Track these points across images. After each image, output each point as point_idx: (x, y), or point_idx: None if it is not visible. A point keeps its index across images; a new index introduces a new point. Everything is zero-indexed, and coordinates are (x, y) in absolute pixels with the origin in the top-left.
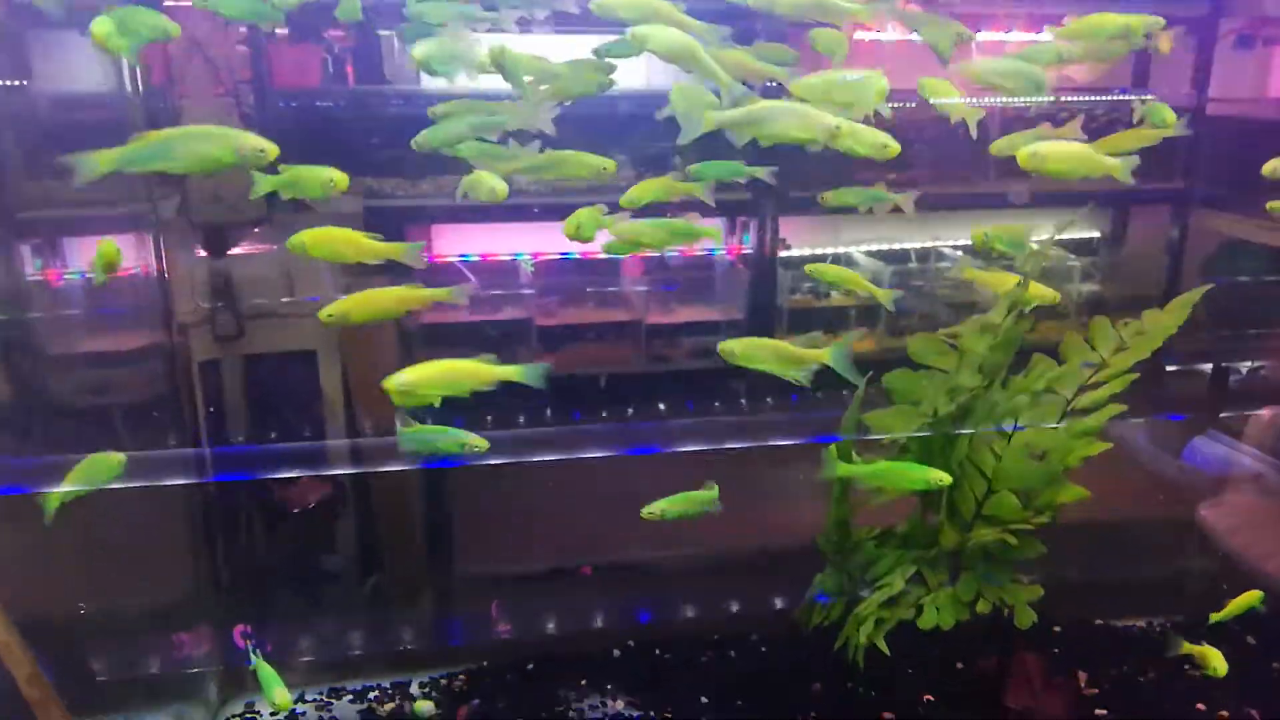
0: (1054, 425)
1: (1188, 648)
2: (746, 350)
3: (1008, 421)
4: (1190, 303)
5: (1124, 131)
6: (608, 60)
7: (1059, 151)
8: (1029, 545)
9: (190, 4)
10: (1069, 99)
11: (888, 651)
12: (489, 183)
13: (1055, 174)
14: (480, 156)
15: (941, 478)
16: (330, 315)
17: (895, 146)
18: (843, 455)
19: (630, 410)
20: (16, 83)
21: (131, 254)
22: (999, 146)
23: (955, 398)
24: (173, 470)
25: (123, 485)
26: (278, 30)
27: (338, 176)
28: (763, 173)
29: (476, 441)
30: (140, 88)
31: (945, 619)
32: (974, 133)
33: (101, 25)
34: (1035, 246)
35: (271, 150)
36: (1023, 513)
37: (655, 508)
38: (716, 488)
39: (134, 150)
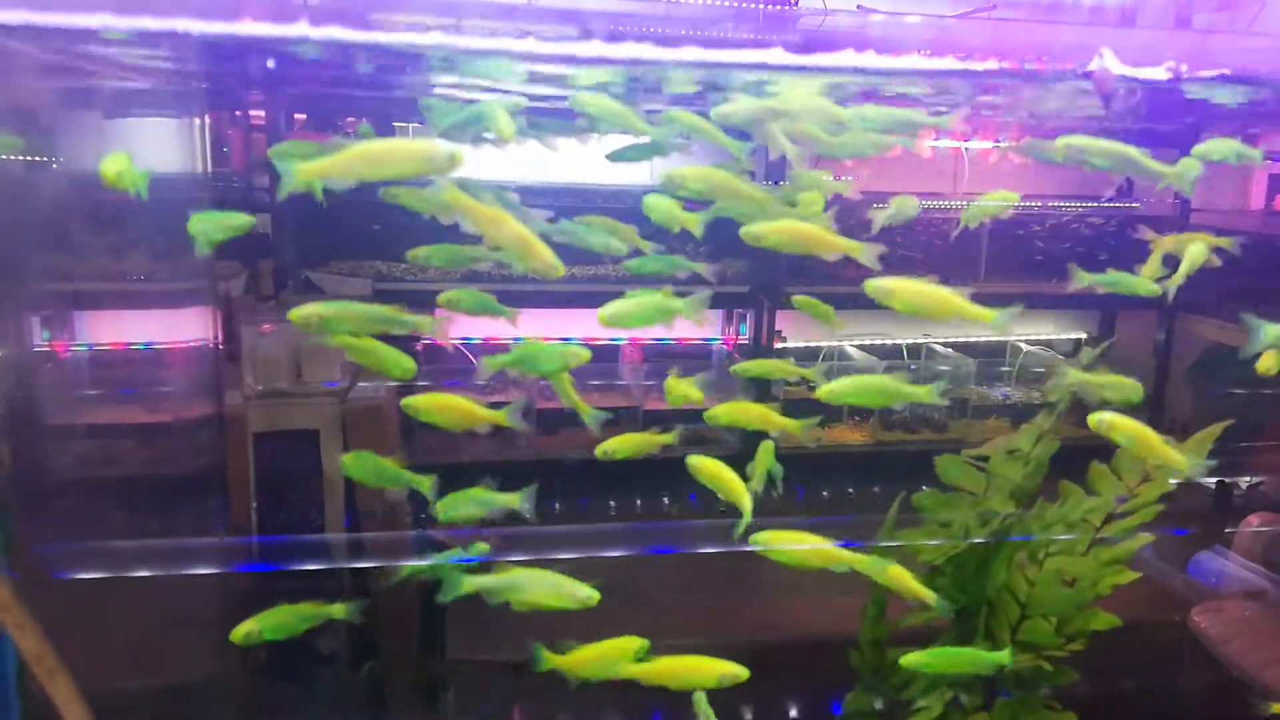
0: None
1: None
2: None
3: (1040, 548)
4: (1212, 438)
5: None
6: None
7: None
8: (1063, 673)
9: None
10: (1059, 204)
11: None
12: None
13: None
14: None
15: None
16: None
17: None
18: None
19: (636, 499)
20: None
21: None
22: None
23: (987, 522)
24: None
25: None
26: (296, 117)
27: None
28: (702, 269)
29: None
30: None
31: None
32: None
33: (113, 163)
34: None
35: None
36: (1056, 639)
37: None
38: None
39: None
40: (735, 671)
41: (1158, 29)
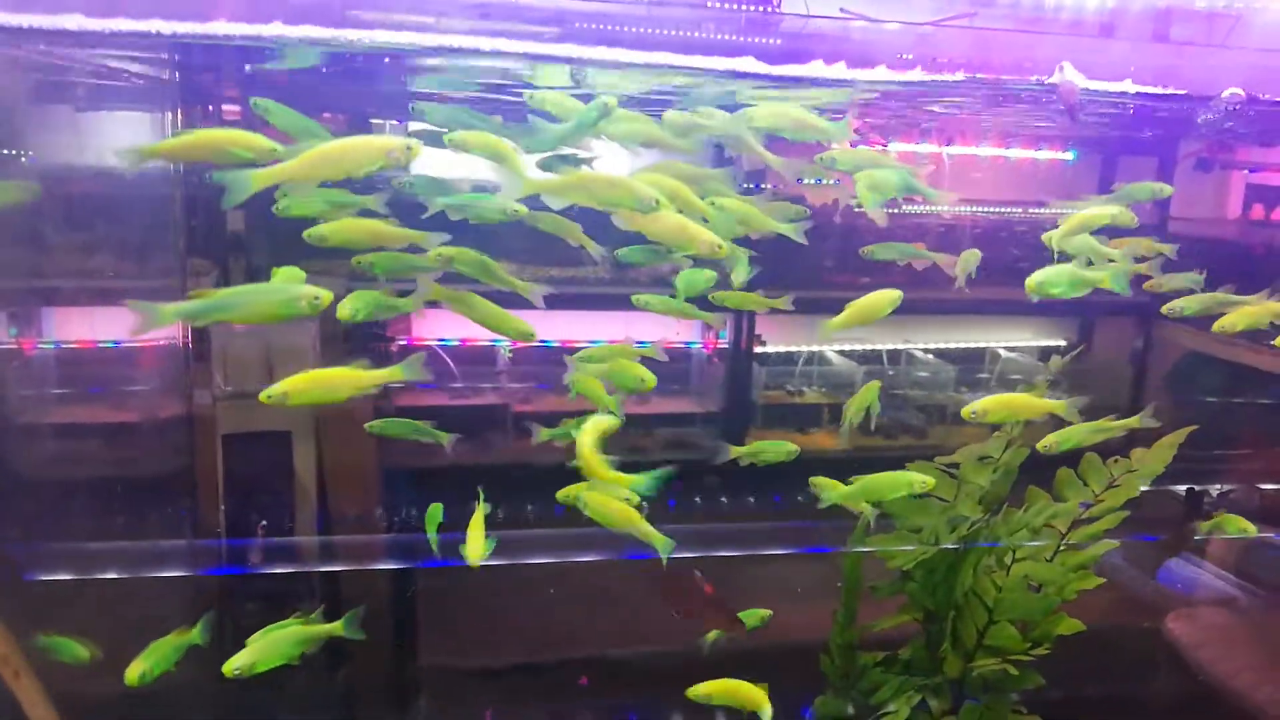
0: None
1: None
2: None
3: (1007, 554)
4: (1176, 444)
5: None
6: None
7: None
8: (1028, 677)
9: None
10: (1040, 211)
11: None
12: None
13: None
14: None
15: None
16: (269, 396)
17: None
18: (852, 577)
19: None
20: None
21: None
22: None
23: (956, 527)
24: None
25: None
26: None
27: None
28: (681, 258)
29: None
30: None
31: None
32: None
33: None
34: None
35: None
36: (1022, 644)
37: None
38: None
39: None
40: None
41: (1136, 42)
